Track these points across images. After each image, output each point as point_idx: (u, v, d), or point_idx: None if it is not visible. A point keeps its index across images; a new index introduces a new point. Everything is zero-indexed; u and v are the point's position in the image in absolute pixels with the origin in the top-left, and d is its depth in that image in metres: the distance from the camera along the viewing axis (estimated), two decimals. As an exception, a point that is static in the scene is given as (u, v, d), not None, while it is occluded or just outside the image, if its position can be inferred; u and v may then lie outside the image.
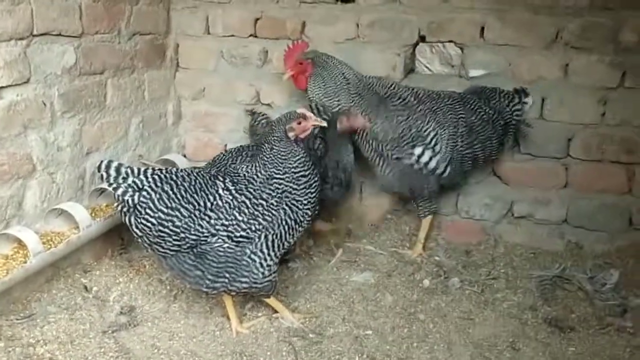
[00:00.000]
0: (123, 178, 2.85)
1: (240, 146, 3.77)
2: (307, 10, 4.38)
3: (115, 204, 3.00)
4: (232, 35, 4.54)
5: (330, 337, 3.22)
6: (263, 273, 3.07)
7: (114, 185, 2.86)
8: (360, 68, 4.30)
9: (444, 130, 3.86)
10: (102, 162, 2.87)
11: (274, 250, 3.09)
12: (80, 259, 3.72)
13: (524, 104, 3.96)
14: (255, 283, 3.07)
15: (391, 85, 4.00)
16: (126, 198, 2.86)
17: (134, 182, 2.86)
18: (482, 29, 4.10)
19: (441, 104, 3.92)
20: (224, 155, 3.68)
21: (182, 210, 2.91)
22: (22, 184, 3.35)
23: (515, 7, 4.00)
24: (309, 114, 3.17)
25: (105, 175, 2.86)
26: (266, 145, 3.14)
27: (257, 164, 3.12)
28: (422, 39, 4.24)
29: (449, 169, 3.90)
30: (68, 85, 3.59)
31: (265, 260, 3.07)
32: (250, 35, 4.51)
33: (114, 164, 2.86)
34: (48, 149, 3.50)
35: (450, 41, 4.18)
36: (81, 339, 3.07)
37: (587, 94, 3.99)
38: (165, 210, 2.88)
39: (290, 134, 3.11)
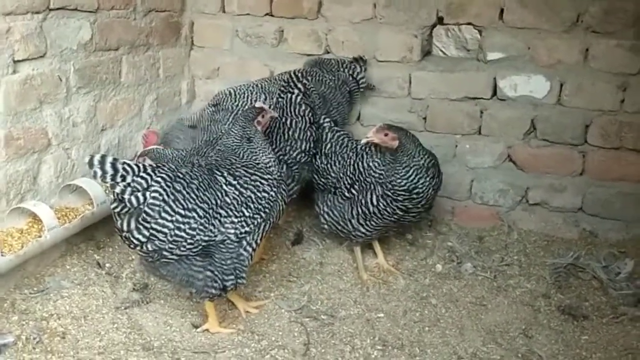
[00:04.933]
0: (122, 176, 2.56)
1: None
2: (324, -10, 4.34)
3: (113, 205, 2.65)
4: (248, 14, 4.51)
5: (342, 319, 3.22)
6: (249, 265, 2.98)
7: (111, 183, 2.56)
8: (377, 50, 4.28)
9: None
10: (92, 157, 2.53)
11: (261, 239, 3.03)
12: (94, 235, 3.73)
13: (365, 72, 4.19)
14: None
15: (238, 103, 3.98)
16: (127, 197, 2.58)
17: (136, 181, 2.60)
18: (502, 10, 4.04)
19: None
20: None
21: (198, 210, 2.75)
22: (37, 159, 3.35)
23: (536, -11, 3.95)
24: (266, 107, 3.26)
25: (99, 172, 2.53)
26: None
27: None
28: (440, 20, 4.19)
29: None
30: (84, 60, 3.58)
31: (254, 250, 2.98)
32: (266, 14, 4.47)
33: (109, 159, 2.54)
34: (63, 125, 3.49)
35: (469, 23, 4.13)
36: (94, 314, 3.09)
37: (606, 79, 3.94)
38: (182, 212, 2.70)
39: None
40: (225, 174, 2.93)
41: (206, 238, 2.79)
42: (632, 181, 4.01)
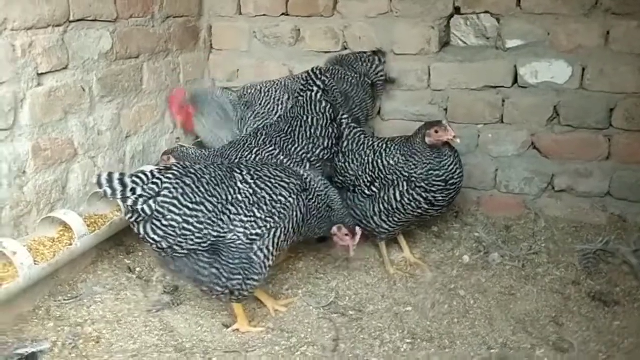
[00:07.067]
0: (132, 189, 2.62)
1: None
2: (339, -14, 4.34)
3: (127, 217, 2.73)
4: (264, 15, 4.53)
5: (370, 314, 3.24)
6: (264, 273, 2.96)
7: (122, 198, 2.63)
8: (395, 43, 4.28)
9: None
10: (100, 176, 2.59)
11: (276, 248, 2.97)
12: (123, 240, 3.80)
13: (384, 64, 4.21)
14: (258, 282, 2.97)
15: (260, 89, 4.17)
16: (139, 207, 2.64)
17: (146, 189, 2.65)
18: (519, -3, 4.01)
19: None
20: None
21: (206, 204, 2.77)
22: (65, 169, 3.43)
23: (553, -27, 3.90)
24: None
25: (109, 191, 2.59)
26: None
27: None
28: (457, 10, 4.18)
29: None
30: (105, 70, 3.64)
31: (268, 259, 2.94)
32: (282, 14, 4.50)
33: (116, 176, 2.60)
34: (88, 134, 3.56)
35: (486, 12, 4.10)
36: (127, 318, 3.15)
37: (629, 61, 3.88)
38: (190, 205, 2.72)
39: None
40: (244, 172, 2.96)
41: (215, 233, 2.80)
42: (660, 163, 3.95)
